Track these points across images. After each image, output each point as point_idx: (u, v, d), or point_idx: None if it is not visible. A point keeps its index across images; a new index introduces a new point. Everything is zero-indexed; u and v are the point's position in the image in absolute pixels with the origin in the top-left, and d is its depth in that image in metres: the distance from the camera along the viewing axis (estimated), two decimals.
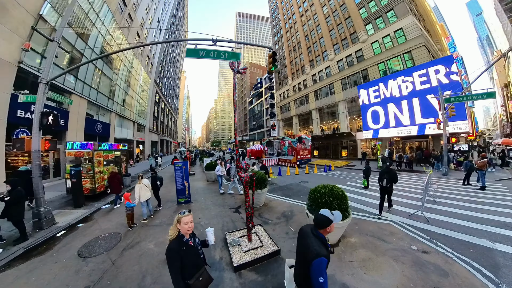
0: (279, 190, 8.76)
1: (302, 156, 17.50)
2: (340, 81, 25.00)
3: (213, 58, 5.15)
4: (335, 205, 3.76)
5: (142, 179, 5.85)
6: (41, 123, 5.92)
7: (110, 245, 4.31)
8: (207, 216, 5.94)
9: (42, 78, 6.27)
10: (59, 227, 5.38)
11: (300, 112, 33.27)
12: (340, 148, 24.99)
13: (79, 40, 15.93)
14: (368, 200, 6.93)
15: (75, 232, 5.20)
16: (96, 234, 4.93)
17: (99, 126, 18.92)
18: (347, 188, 8.85)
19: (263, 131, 52.28)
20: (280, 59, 41.90)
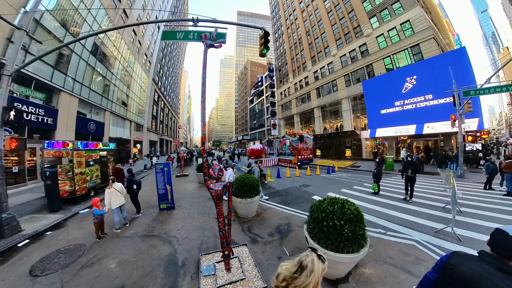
0: (276, 196, 7.84)
1: (303, 156, 16.53)
2: (343, 77, 23.92)
3: (193, 40, 4.27)
4: (348, 231, 2.70)
5: (114, 183, 5.18)
6: (3, 119, 5.26)
7: (69, 261, 3.77)
8: (187, 228, 5.10)
9: (6, 70, 5.67)
10: (24, 236, 4.89)
11: (302, 110, 32.24)
12: (344, 147, 23.94)
13: (69, 36, 15.27)
14: (381, 210, 5.94)
15: (39, 242, 4.69)
16: (60, 245, 4.39)
17: (92, 125, 18.28)
18: (354, 193, 7.90)
19: (264, 130, 51.34)
20: (281, 57, 40.89)
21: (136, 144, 30.27)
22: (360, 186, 9.22)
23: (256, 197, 5.55)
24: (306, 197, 7.47)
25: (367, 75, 21.23)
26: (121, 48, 24.03)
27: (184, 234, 4.72)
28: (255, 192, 5.55)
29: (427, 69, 15.70)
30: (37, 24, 11.90)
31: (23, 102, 11.30)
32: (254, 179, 5.79)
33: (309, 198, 7.32)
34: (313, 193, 7.94)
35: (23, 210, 6.76)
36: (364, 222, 2.92)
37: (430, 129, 15.29)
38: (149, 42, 33.75)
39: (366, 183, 9.66)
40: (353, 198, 7.15)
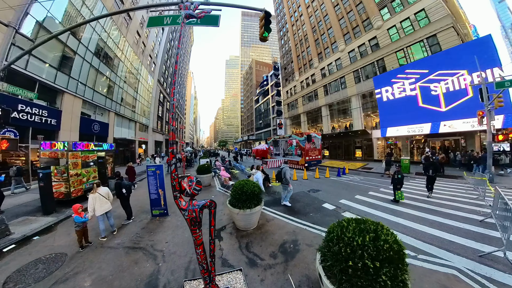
0: (280, 203, 7.07)
1: (311, 157, 15.64)
2: (352, 73, 22.74)
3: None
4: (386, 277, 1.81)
5: (99, 187, 4.83)
6: None
7: (45, 273, 3.48)
8: (177, 240, 4.53)
9: None
10: (11, 240, 4.73)
11: (309, 109, 31.19)
12: (354, 148, 22.74)
13: (72, 38, 15.33)
14: (407, 224, 4.99)
15: (25, 248, 4.52)
16: (43, 253, 4.17)
17: (96, 126, 18.34)
18: (371, 201, 7.00)
19: (269, 130, 50.52)
20: (286, 55, 39.93)
21: (141, 144, 30.49)
22: (376, 191, 8.29)
23: (257, 208, 4.82)
24: (316, 205, 6.66)
25: (378, 70, 19.99)
26: (125, 49, 24.01)
27: (172, 249, 4.16)
28: (255, 202, 4.82)
29: (446, 61, 14.41)
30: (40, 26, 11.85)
31: (27, 103, 11.33)
32: (255, 186, 5.07)
33: (319, 206, 6.51)
34: (323, 200, 7.12)
35: (20, 211, 6.74)
36: (405, 262, 2.03)
37: (447, 127, 14.05)
38: (153, 44, 33.77)
39: (382, 188, 8.73)
40: (371, 207, 6.30)
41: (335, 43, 25.79)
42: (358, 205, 6.54)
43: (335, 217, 5.46)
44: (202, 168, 10.64)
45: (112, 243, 4.49)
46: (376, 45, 20.34)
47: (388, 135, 18.00)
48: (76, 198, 7.37)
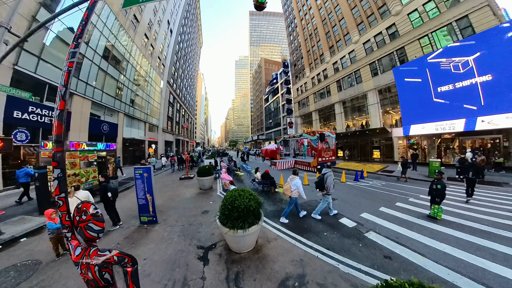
0: (288, 215, 6.04)
1: (324, 158, 14.34)
2: (368, 66, 20.91)
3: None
4: None
5: (77, 190, 4.56)
6: None
7: (13, 284, 3.30)
8: (157, 257, 3.92)
9: None
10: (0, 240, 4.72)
11: (321, 106, 29.55)
12: (371, 148, 20.85)
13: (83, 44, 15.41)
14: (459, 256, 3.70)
15: (8, 250, 4.49)
16: (21, 258, 4.07)
17: (105, 126, 18.68)
18: (401, 216, 5.72)
19: (279, 129, 49.24)
20: (296, 50, 38.42)
21: (151, 144, 30.87)
22: (404, 202, 6.94)
23: (253, 229, 3.82)
24: (331, 220, 5.53)
25: (398, 61, 18.07)
26: (133, 52, 24.22)
27: (148, 269, 3.53)
28: (250, 221, 3.82)
29: (482, 45, 12.39)
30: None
31: (37, 105, 11.78)
32: (252, 199, 4.09)
33: (335, 222, 5.39)
34: (340, 214, 5.95)
35: (19, 210, 6.93)
36: None
37: (485, 124, 12.04)
38: (162, 46, 34.02)
39: (412, 198, 7.35)
40: (402, 225, 5.05)
41: (347, 34, 24.00)
42: (386, 221, 5.28)
43: (357, 239, 4.35)
44: (203, 170, 9.87)
45: None
46: (395, 33, 18.41)
47: (412, 134, 16.09)
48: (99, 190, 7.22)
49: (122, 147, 21.73)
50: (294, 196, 5.46)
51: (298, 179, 5.56)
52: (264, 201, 7.49)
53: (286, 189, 5.55)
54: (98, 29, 17.65)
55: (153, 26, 29.63)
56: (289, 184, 5.47)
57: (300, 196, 5.55)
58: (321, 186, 5.66)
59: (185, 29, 49.91)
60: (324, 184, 5.56)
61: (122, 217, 6.14)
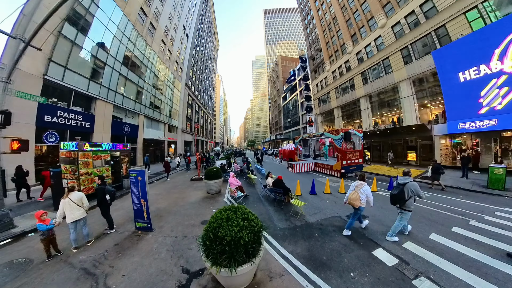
0: (301, 237, 4.80)
1: (349, 161, 12.55)
2: (399, 52, 18.17)
3: None
4: None
5: (72, 192, 4.49)
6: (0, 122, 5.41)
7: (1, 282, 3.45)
8: (135, 277, 3.51)
9: (3, 78, 5.88)
10: (10, 234, 5.19)
11: (344, 102, 27.05)
12: (404, 148, 17.97)
13: (101, 50, 16.50)
14: None
15: (14, 244, 4.88)
16: (20, 255, 4.34)
17: (126, 128, 19.75)
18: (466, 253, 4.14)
19: (299, 128, 47.12)
20: (314, 44, 36.09)
21: (171, 144, 32.07)
22: (464, 227, 5.09)
23: (244, 269, 2.79)
24: (359, 251, 4.13)
25: (438, 42, 15.17)
26: (151, 57, 25.10)
27: None
28: (240, 259, 2.78)
29: None
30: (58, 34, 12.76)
31: (65, 110, 13.04)
32: (246, 227, 3.01)
33: (367, 254, 4.01)
34: (373, 240, 4.53)
35: (38, 206, 7.63)
36: None
37: None
38: (178, 50, 34.85)
39: (473, 221, 5.48)
40: (471, 270, 3.44)
41: (372, 19, 21.32)
42: (443, 260, 3.68)
43: None
44: (210, 173, 9.14)
45: (76, 259, 4.10)
46: (432, 9, 15.48)
47: (461, 131, 13.22)
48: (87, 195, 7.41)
49: (143, 147, 22.80)
50: (363, 206, 4.67)
51: (367, 185, 4.69)
52: (274, 214, 6.39)
53: (353, 199, 4.71)
54: (118, 38, 18.51)
55: (169, 32, 30.36)
56: (357, 193, 4.67)
57: None
58: (400, 200, 4.35)
59: (201, 33, 50.77)
60: (405, 197, 4.27)
61: (122, 219, 6.28)
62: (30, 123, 10.86)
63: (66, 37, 13.10)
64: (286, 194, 7.23)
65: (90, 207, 4.94)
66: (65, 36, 13.03)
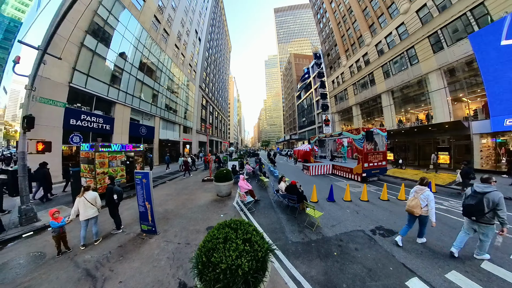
0: (316, 255, 4.09)
1: (372, 163, 11.35)
2: (427, 39, 16.25)
3: None
4: None
5: (87, 191, 4.68)
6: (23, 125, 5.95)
7: (15, 275, 3.68)
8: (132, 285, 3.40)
9: (27, 85, 6.21)
10: (33, 227, 5.60)
11: (363, 99, 25.25)
12: (435, 149, 15.87)
13: (119, 58, 17.49)
14: None
15: (35, 237, 5.23)
16: (37, 248, 4.64)
17: (143, 129, 20.63)
18: None
19: (314, 128, 45.42)
20: (328, 38, 34.42)
21: (186, 144, 32.89)
22: None
23: None
24: (388, 280, 3.30)
25: (476, 24, 13.18)
26: (165, 62, 25.86)
27: None
28: None
29: None
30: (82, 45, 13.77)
31: (87, 113, 14.25)
32: (247, 252, 2.42)
33: (398, 285, 3.24)
34: (405, 265, 3.67)
35: (62, 201, 8.14)
36: None
37: None
38: (191, 54, 35.57)
39: None
40: None
41: (392, 5, 19.49)
42: None
43: None
44: (220, 175, 8.87)
45: (81, 258, 4.18)
46: None
47: (508, 128, 11.14)
48: (102, 193, 7.55)
49: (159, 147, 23.71)
50: (425, 214, 4.16)
51: (430, 191, 4.14)
52: (286, 224, 5.69)
53: (412, 206, 4.25)
54: (134, 46, 19.35)
55: (182, 36, 31.03)
56: (417, 199, 4.19)
57: None
58: (479, 212, 3.52)
59: (213, 36, 51.46)
60: (484, 209, 3.44)
61: (130, 219, 6.28)
62: (58, 126, 12.06)
63: (88, 48, 14.14)
64: (301, 202, 6.52)
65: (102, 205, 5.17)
66: (87, 46, 14.07)
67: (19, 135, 6.04)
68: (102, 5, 15.10)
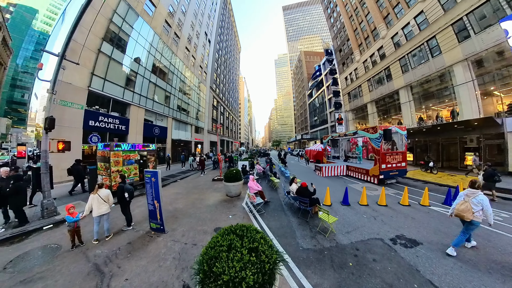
0: (329, 265, 3.76)
1: (390, 165, 10.56)
2: (450, 28, 14.91)
3: None
4: None
5: (101, 188, 4.88)
6: (45, 126, 6.36)
7: (33, 264, 3.94)
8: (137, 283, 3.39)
9: (49, 89, 6.64)
10: (53, 221, 5.97)
11: (379, 95, 23.97)
12: (461, 149, 14.49)
13: (134, 62, 18.33)
14: None
15: (52, 231, 5.51)
16: (54, 240, 4.91)
17: (156, 130, 21.35)
18: None
19: (326, 127, 44.10)
20: (339, 33, 33.18)
21: (197, 144, 33.57)
22: None
23: None
24: None
25: (509, 7, 11.81)
26: (176, 64, 26.51)
27: None
28: None
29: None
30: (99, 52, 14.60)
31: (105, 115, 15.12)
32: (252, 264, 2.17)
33: None
34: (435, 285, 3.20)
35: (81, 196, 8.60)
36: None
37: None
38: (202, 56, 36.10)
39: None
40: None
41: None
42: None
43: None
44: (230, 175, 8.76)
45: (93, 252, 4.33)
46: None
47: None
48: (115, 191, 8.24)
49: (172, 147, 24.43)
50: (478, 220, 3.80)
51: (483, 195, 3.82)
52: (297, 228, 5.37)
53: (462, 210, 3.93)
54: (147, 50, 20.07)
55: (192, 39, 31.56)
56: (468, 203, 3.88)
57: None
58: None
59: (222, 37, 51.87)
60: None
61: (141, 217, 6.39)
62: (79, 127, 12.96)
63: (104, 53, 14.93)
64: (314, 205, 6.16)
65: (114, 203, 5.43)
66: (104, 52, 14.87)
67: (42, 135, 6.46)
68: (117, 13, 15.79)
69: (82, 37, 12.94)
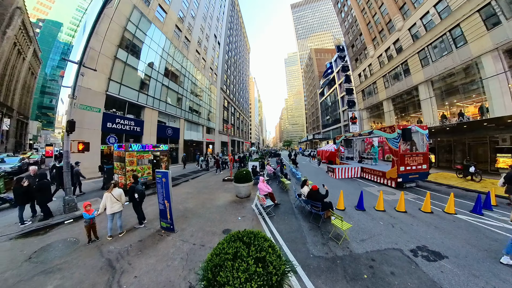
0: (342, 276, 3.48)
1: (410, 167, 9.77)
2: (477, 14, 13.51)
3: None
4: None
5: (115, 187, 5.10)
6: (67, 129, 6.79)
7: (53, 257, 4.22)
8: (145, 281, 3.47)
9: (69, 94, 7.08)
10: (73, 215, 6.42)
11: (396, 92, 22.63)
12: (492, 150, 13.09)
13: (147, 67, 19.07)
14: None
15: (72, 225, 5.90)
16: (74, 234, 5.22)
17: (169, 131, 22.12)
18: None
19: (339, 126, 42.67)
20: (351, 28, 31.90)
21: (209, 145, 34.29)
22: None
23: None
24: None
25: None
26: (187, 67, 27.17)
27: None
28: None
29: None
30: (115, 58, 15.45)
31: (121, 117, 15.94)
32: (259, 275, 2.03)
33: None
34: None
35: (100, 193, 9.06)
36: None
37: None
38: (212, 58, 36.63)
39: None
40: None
41: None
42: None
43: None
44: (239, 176, 8.73)
45: (107, 248, 4.54)
46: None
47: None
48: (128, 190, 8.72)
49: (184, 147, 25.20)
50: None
51: None
52: (308, 234, 5.11)
53: None
54: (159, 54, 20.81)
55: (202, 42, 32.10)
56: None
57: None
58: None
59: (231, 39, 52.24)
60: None
61: (153, 215, 6.55)
62: (97, 129, 13.77)
63: (120, 60, 15.74)
64: (326, 209, 5.85)
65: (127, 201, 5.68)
66: (119, 58, 15.67)
67: (64, 136, 6.90)
68: (130, 21, 16.50)
69: (98, 45, 13.70)
